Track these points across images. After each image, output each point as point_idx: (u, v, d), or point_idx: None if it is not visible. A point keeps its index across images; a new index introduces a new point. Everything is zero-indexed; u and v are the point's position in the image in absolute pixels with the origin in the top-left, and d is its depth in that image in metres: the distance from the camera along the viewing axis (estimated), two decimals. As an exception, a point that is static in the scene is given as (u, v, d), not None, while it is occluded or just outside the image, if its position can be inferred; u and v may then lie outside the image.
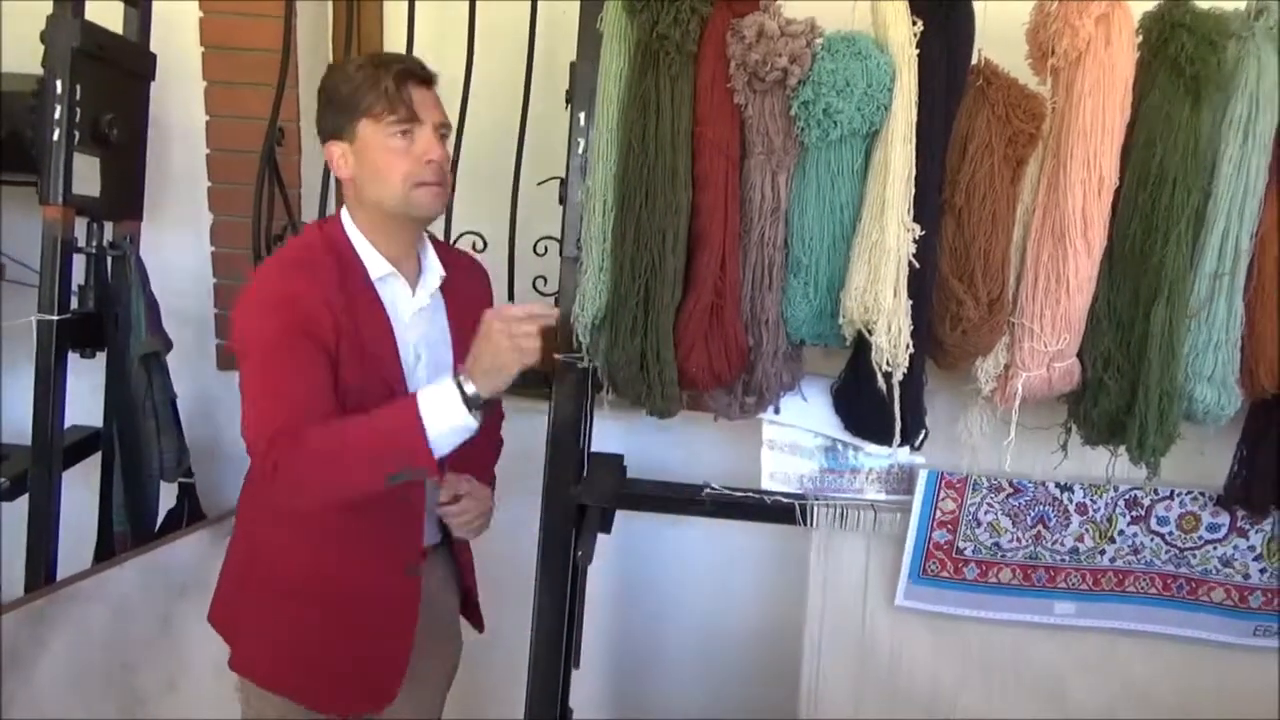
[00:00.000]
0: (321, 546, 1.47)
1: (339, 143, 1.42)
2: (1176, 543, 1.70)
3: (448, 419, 1.32)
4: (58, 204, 1.83)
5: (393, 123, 1.38)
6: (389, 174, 1.39)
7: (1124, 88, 1.45)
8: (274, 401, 1.32)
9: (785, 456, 1.75)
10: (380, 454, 1.32)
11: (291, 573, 1.50)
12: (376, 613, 1.50)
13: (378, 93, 1.36)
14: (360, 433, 1.32)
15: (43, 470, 1.88)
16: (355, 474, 1.33)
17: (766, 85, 1.44)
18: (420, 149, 1.40)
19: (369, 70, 1.38)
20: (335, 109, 1.40)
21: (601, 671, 2.39)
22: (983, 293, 1.47)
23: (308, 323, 1.33)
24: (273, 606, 1.52)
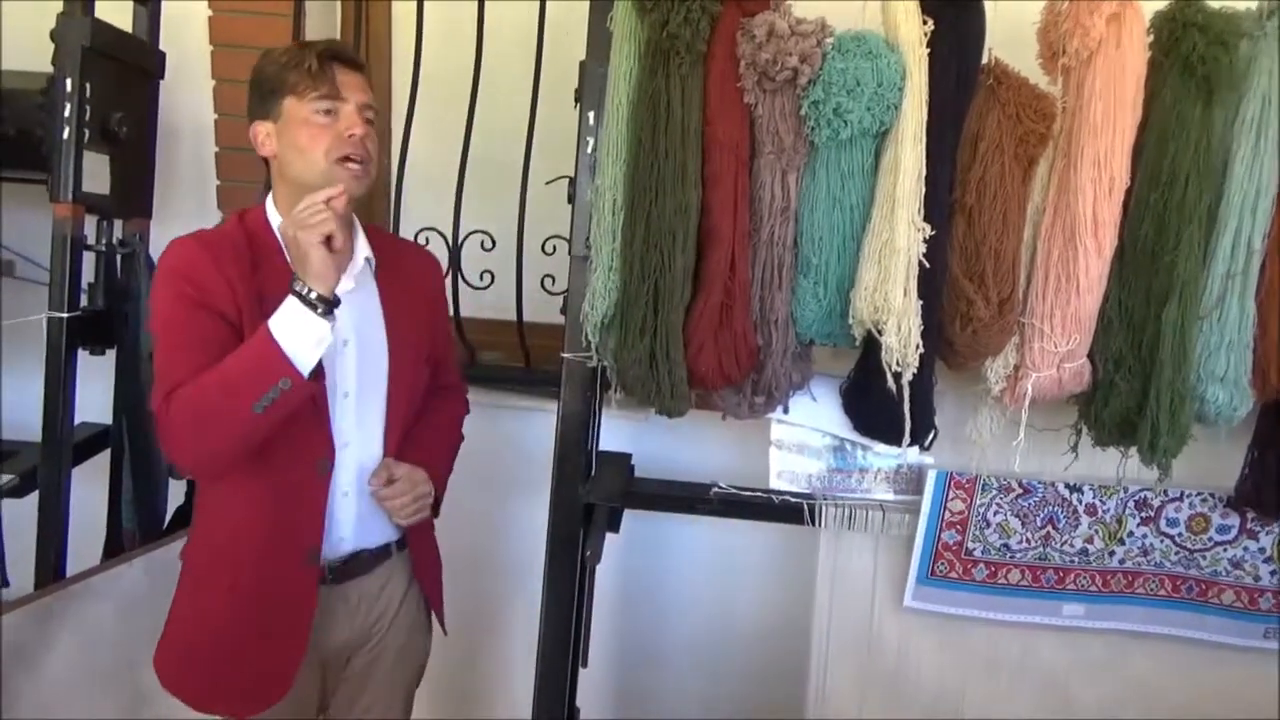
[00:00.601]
0: (226, 531, 1.45)
1: (264, 123, 1.42)
2: (1186, 544, 1.70)
3: (297, 326, 1.29)
4: (68, 202, 1.83)
5: (315, 98, 1.38)
6: (311, 149, 1.38)
7: (1135, 87, 1.44)
8: (169, 369, 1.32)
9: (793, 456, 1.75)
10: (241, 384, 1.28)
11: (201, 561, 1.49)
12: (271, 604, 1.45)
13: (301, 71, 1.38)
14: (218, 373, 1.29)
15: (52, 467, 1.88)
16: (223, 412, 1.29)
17: (777, 85, 1.44)
18: (343, 125, 1.39)
19: (294, 52, 1.40)
20: (261, 91, 1.41)
21: (608, 669, 2.39)
22: (993, 293, 1.47)
23: (201, 294, 1.33)
24: (183, 597, 1.51)
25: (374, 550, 1.54)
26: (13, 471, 1.93)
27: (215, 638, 1.46)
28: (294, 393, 1.29)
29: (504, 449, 2.26)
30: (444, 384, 1.68)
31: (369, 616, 1.56)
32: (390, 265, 1.54)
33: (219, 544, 1.47)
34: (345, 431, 1.46)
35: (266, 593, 1.44)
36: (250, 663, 1.45)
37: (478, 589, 1.77)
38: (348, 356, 1.46)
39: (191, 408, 1.29)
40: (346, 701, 1.61)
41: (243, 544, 1.44)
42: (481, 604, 2.34)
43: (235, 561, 1.44)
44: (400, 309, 1.53)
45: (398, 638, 1.61)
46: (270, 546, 1.43)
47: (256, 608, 1.44)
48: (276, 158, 1.43)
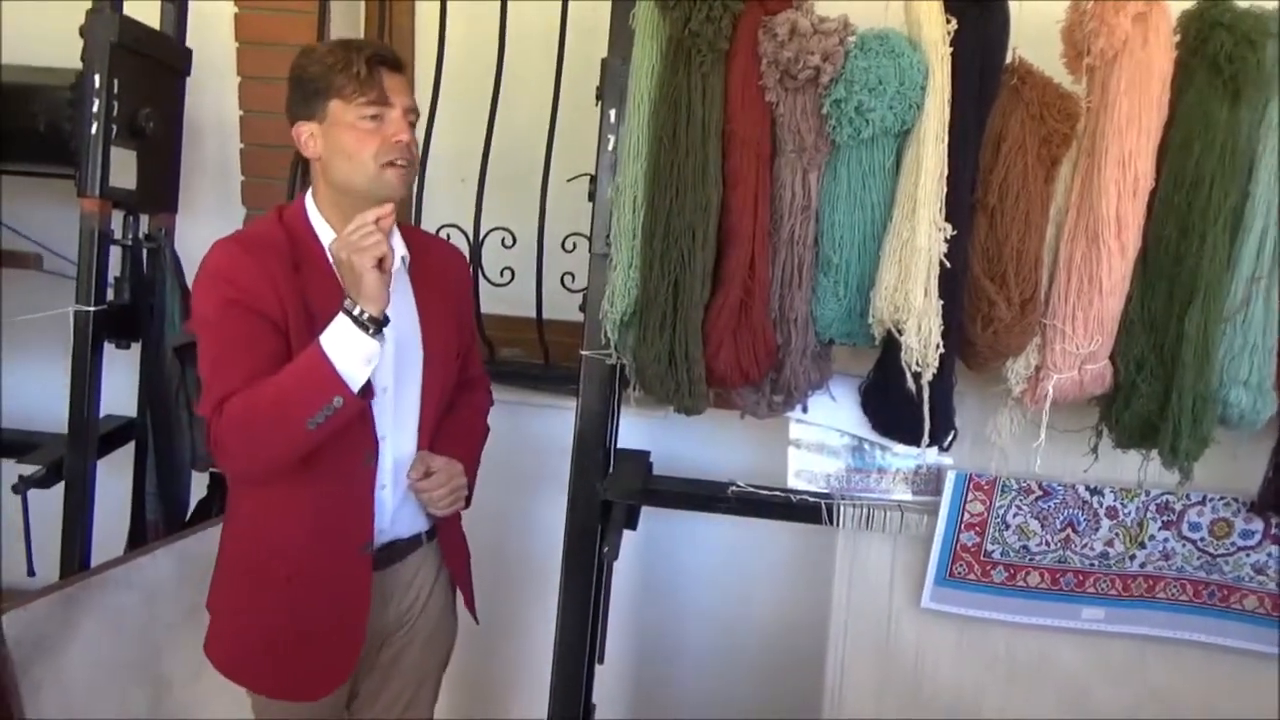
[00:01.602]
0: (277, 527, 1.48)
1: (308, 124, 1.42)
2: (1208, 549, 1.68)
3: (349, 345, 1.31)
4: (95, 196, 1.86)
5: (363, 104, 1.38)
6: (359, 153, 1.39)
7: (1161, 87, 1.43)
8: (218, 376, 1.35)
9: (811, 455, 1.75)
10: (295, 400, 1.31)
11: (251, 554, 1.51)
12: (328, 594, 1.49)
13: (349, 74, 1.37)
14: (272, 387, 1.32)
15: (78, 458, 1.90)
16: (277, 428, 1.33)
17: (799, 83, 1.43)
18: (390, 130, 1.40)
19: (340, 53, 1.39)
20: (305, 91, 1.41)
21: (625, 666, 2.39)
22: (1015, 293, 1.46)
23: (247, 297, 1.35)
24: (233, 587, 1.54)
25: (407, 539, 1.57)
26: (39, 462, 1.96)
27: (277, 628, 1.49)
28: (346, 409, 1.32)
29: (522, 446, 2.26)
30: (470, 377, 1.70)
31: (401, 604, 1.59)
32: (421, 262, 1.56)
33: (272, 538, 1.49)
34: (383, 426, 1.48)
35: (325, 583, 1.48)
36: (313, 650, 1.49)
37: (496, 585, 1.78)
38: (385, 354, 1.47)
39: (245, 421, 1.32)
40: (374, 690, 1.64)
41: (299, 537, 1.47)
42: (499, 600, 2.34)
43: (292, 555, 1.47)
44: (432, 305, 1.55)
45: (426, 626, 1.64)
46: (326, 539, 1.47)
47: (316, 598, 1.48)
48: (321, 160, 1.43)
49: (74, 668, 1.79)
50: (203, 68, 2.16)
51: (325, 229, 1.45)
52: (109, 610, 1.85)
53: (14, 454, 2.02)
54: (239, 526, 1.54)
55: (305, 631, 1.49)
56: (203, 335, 1.39)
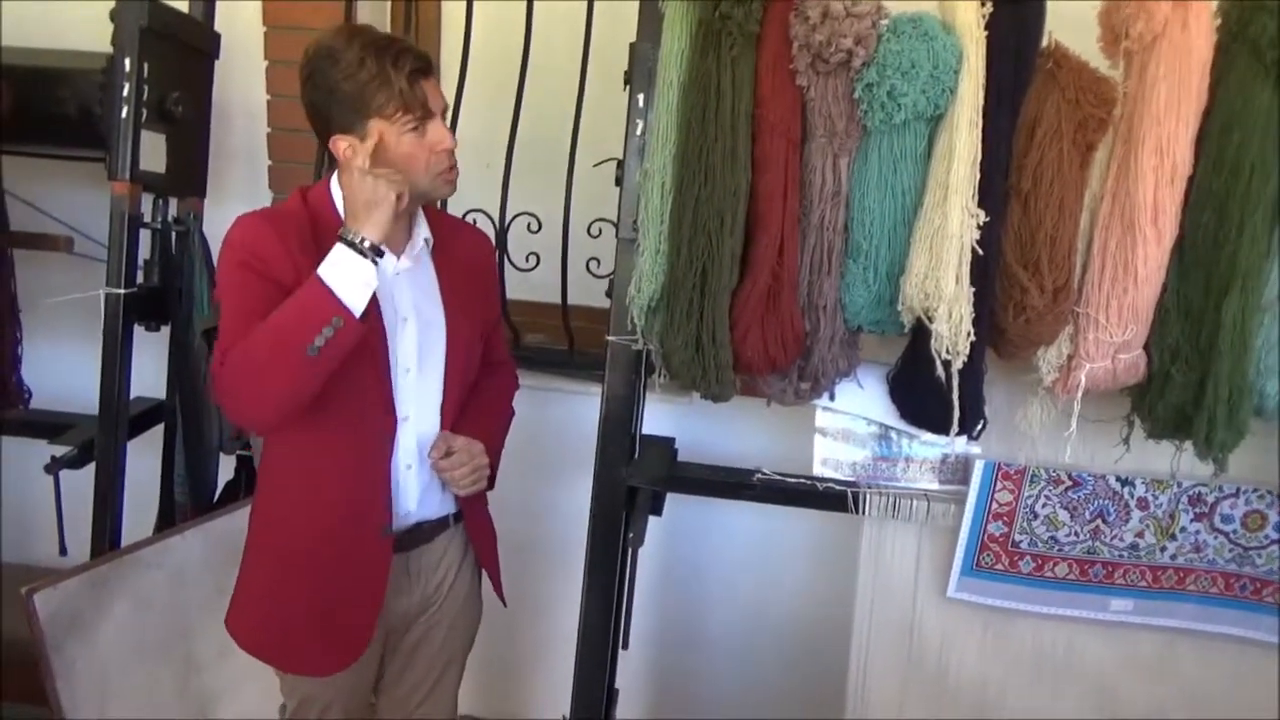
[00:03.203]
0: (297, 505, 1.50)
1: (346, 137, 1.39)
2: (1241, 541, 1.66)
3: (346, 270, 1.31)
4: (125, 180, 1.87)
5: (408, 122, 1.37)
6: (411, 170, 1.40)
7: (1201, 72, 1.40)
8: (226, 334, 1.35)
9: (837, 443, 1.74)
10: (294, 327, 1.30)
11: (270, 530, 1.53)
12: (345, 574, 1.50)
13: (390, 92, 1.34)
14: (272, 321, 1.32)
15: (108, 440, 1.93)
16: (277, 358, 1.30)
17: (830, 67, 1.41)
18: (433, 139, 1.40)
19: (374, 66, 1.33)
20: (339, 106, 1.36)
21: (648, 652, 2.40)
22: (1048, 281, 1.44)
23: (261, 263, 1.36)
24: (257, 565, 1.56)
25: (434, 521, 1.58)
26: (71, 443, 1.98)
27: (294, 604, 1.51)
28: (346, 332, 1.30)
29: (547, 431, 2.27)
30: (495, 359, 1.70)
31: (428, 586, 1.60)
32: (446, 245, 1.57)
33: (294, 516, 1.51)
34: (406, 405, 1.49)
35: (342, 563, 1.49)
36: (329, 627, 1.51)
37: (521, 569, 1.79)
38: (408, 334, 1.49)
39: (247, 360, 1.32)
40: (398, 672, 1.66)
41: (317, 516, 1.48)
42: (524, 584, 2.35)
43: (310, 533, 1.49)
44: (457, 287, 1.55)
45: (452, 608, 1.65)
46: (345, 519, 1.48)
47: (332, 577, 1.49)
48: None
49: (105, 646, 1.82)
50: (231, 52, 2.17)
51: None
52: (139, 590, 1.87)
53: (46, 435, 2.05)
54: (262, 502, 1.56)
55: (319, 609, 1.50)
56: (222, 300, 1.41)
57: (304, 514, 1.50)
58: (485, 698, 2.49)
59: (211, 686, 2.00)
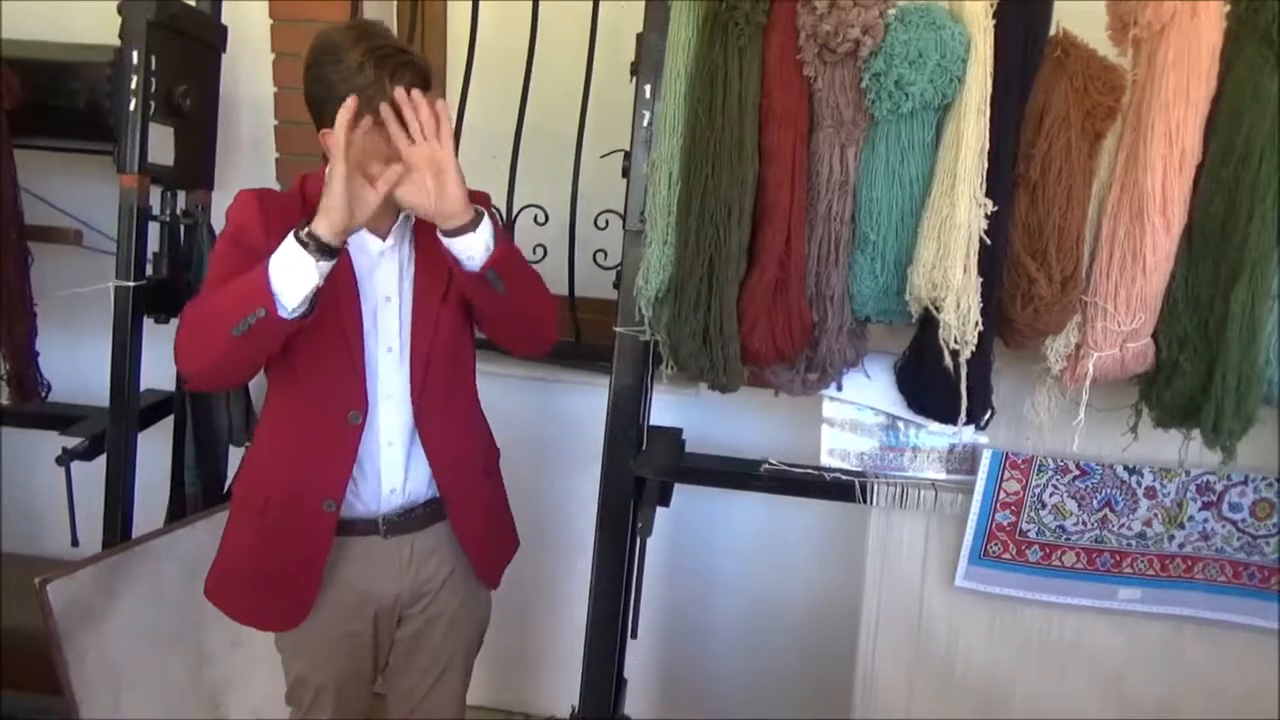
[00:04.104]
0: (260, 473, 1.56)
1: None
2: (1249, 530, 1.66)
3: (288, 262, 1.30)
4: (134, 173, 1.88)
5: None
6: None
7: (1210, 59, 1.40)
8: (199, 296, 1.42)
9: (845, 434, 1.74)
10: (227, 306, 1.32)
11: (240, 495, 1.59)
12: (292, 539, 1.52)
13: (384, 99, 1.33)
14: (218, 293, 1.35)
15: (119, 432, 1.94)
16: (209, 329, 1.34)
17: (837, 57, 1.41)
18: None
19: (372, 74, 1.33)
20: (333, 104, 1.34)
21: (655, 642, 2.41)
22: (1056, 270, 1.44)
23: (245, 236, 1.40)
24: (228, 526, 1.62)
25: (425, 505, 1.58)
26: (82, 435, 1.99)
27: (245, 563, 1.57)
28: (267, 322, 1.30)
29: (555, 423, 2.28)
30: None
31: (420, 574, 1.60)
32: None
33: (254, 481, 1.57)
34: (388, 384, 1.51)
35: (287, 530, 1.52)
36: (273, 589, 1.55)
37: (529, 561, 1.80)
38: (389, 313, 1.49)
39: (193, 319, 1.38)
40: (400, 664, 1.66)
41: (272, 484, 1.53)
42: (533, 575, 2.36)
43: (264, 498, 1.53)
44: (432, 262, 1.50)
45: (451, 603, 1.64)
46: (294, 489, 1.51)
47: (276, 542, 1.53)
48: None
49: (117, 637, 1.83)
50: (238, 45, 2.18)
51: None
52: (150, 581, 1.89)
53: (57, 427, 2.06)
54: (243, 466, 1.64)
55: (265, 571, 1.54)
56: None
57: (262, 481, 1.54)
58: (495, 689, 2.50)
59: (223, 676, 2.02)
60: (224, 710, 2.02)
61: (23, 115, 1.92)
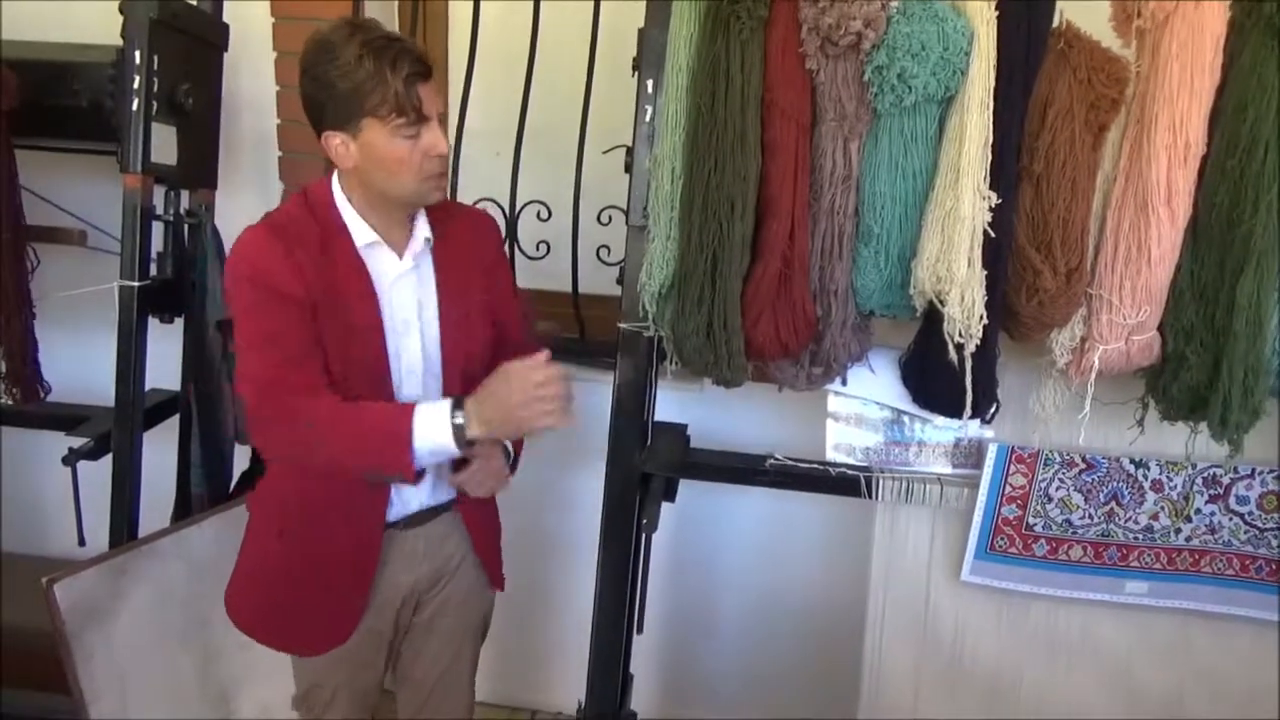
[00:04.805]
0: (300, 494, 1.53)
1: (339, 133, 1.36)
2: (1257, 523, 1.65)
3: (434, 441, 1.36)
4: (137, 172, 1.88)
5: (401, 125, 1.34)
6: (400, 172, 1.38)
7: (1214, 50, 1.39)
8: (260, 355, 1.38)
9: (850, 429, 1.73)
10: (364, 450, 1.38)
11: (272, 512, 1.56)
12: (338, 560, 1.52)
13: (385, 93, 1.31)
14: (353, 423, 1.37)
15: (125, 431, 1.94)
16: (336, 457, 1.39)
17: (839, 50, 1.41)
18: (426, 144, 1.37)
19: (371, 66, 1.30)
20: (334, 102, 1.34)
21: (661, 638, 2.41)
22: (1060, 263, 1.43)
23: (275, 281, 1.36)
24: (254, 543, 1.59)
25: (438, 506, 1.60)
26: (87, 435, 2.00)
27: (285, 585, 1.55)
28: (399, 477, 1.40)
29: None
30: (512, 341, 1.65)
31: (435, 560, 1.61)
32: (447, 236, 1.54)
33: (293, 502, 1.53)
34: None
35: (335, 550, 1.51)
36: (317, 610, 1.54)
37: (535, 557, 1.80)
38: (411, 337, 1.49)
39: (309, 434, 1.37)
40: (413, 654, 1.67)
41: (318, 505, 1.51)
42: (539, 572, 2.37)
43: (309, 520, 1.51)
44: (453, 282, 1.53)
45: (462, 587, 1.66)
46: (342, 510, 1.50)
47: (324, 562, 1.52)
48: (357, 169, 1.40)
49: (124, 636, 1.84)
50: (239, 43, 2.17)
51: (357, 220, 1.44)
52: (157, 580, 1.89)
53: (63, 427, 2.06)
54: (264, 484, 1.60)
55: (309, 591, 1.53)
56: (237, 319, 1.41)
57: (302, 499, 1.52)
58: (502, 686, 2.51)
59: (231, 675, 2.02)
60: (233, 708, 2.03)
61: (25, 116, 1.92)
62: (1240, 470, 1.63)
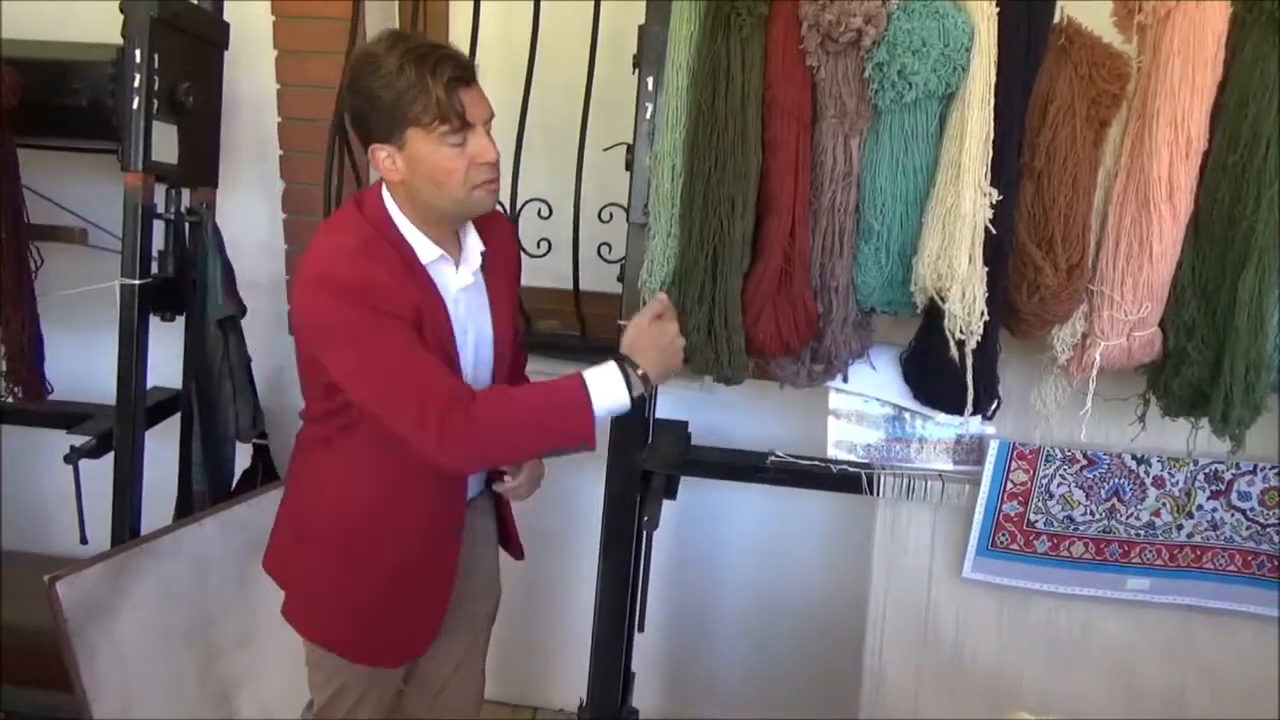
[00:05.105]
0: (376, 501, 1.51)
1: (385, 146, 1.35)
2: (1258, 519, 1.65)
3: (611, 400, 1.38)
4: (138, 171, 1.87)
5: (446, 133, 1.32)
6: (447, 182, 1.35)
7: (1215, 45, 1.39)
8: (417, 380, 1.33)
9: (851, 425, 1.73)
10: (549, 424, 1.39)
11: (347, 524, 1.53)
12: (420, 571, 1.54)
13: (427, 101, 1.29)
14: (532, 402, 1.40)
15: (126, 430, 1.94)
16: (523, 440, 1.41)
17: (840, 47, 1.41)
18: (474, 150, 1.34)
19: (412, 74, 1.28)
20: (377, 114, 1.32)
21: (662, 636, 2.41)
22: (1062, 259, 1.43)
23: (393, 305, 1.33)
24: (322, 556, 1.55)
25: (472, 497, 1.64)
26: (89, 433, 2.00)
27: (366, 597, 1.54)
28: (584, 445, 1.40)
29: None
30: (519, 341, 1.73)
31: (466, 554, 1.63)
32: (487, 243, 1.54)
33: (371, 512, 1.51)
34: None
35: (420, 559, 1.54)
36: (402, 622, 1.56)
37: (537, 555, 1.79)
38: (469, 346, 1.50)
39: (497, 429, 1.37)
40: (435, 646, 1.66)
41: (397, 515, 1.51)
42: (541, 569, 2.36)
43: (390, 530, 1.51)
44: (499, 290, 1.56)
45: (479, 576, 1.70)
46: (426, 519, 1.53)
47: (410, 572, 1.54)
48: (404, 182, 1.38)
49: (127, 632, 1.84)
50: (239, 42, 2.17)
51: (418, 236, 1.42)
52: (159, 577, 1.89)
53: (64, 425, 2.06)
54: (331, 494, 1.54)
55: (393, 603, 1.54)
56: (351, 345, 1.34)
57: (381, 511, 1.51)
58: (505, 683, 2.50)
59: (233, 673, 2.02)
60: (234, 706, 2.03)
61: (26, 115, 1.92)
62: (1242, 466, 1.63)
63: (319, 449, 1.54)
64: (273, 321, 2.34)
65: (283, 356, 2.38)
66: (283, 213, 2.33)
